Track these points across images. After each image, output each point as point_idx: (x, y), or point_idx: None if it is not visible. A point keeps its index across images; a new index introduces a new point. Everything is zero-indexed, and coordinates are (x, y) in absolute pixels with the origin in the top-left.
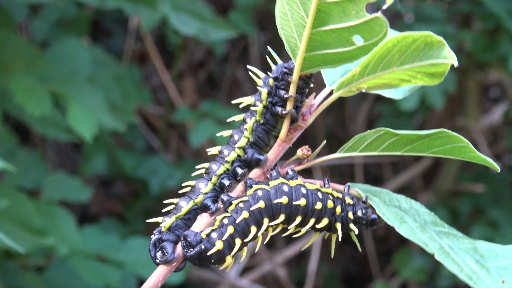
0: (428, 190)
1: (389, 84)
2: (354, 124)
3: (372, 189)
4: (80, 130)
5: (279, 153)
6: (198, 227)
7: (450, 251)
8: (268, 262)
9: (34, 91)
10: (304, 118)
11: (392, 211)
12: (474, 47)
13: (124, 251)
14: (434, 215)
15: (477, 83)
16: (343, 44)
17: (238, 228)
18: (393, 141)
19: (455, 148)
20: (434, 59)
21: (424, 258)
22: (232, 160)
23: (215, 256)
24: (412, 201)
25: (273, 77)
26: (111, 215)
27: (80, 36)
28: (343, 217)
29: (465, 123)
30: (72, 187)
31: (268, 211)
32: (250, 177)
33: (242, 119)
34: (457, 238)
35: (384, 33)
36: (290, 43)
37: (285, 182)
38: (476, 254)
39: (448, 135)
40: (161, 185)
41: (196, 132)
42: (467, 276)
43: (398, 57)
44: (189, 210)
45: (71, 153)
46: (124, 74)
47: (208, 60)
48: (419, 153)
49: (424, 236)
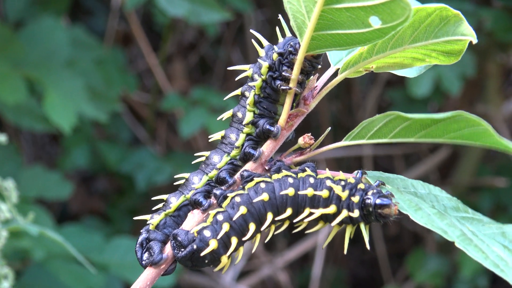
0: (444, 184)
1: (400, 64)
2: (363, 111)
3: (384, 175)
4: (58, 120)
5: (277, 143)
6: (189, 225)
7: (473, 237)
8: (268, 265)
9: (7, 76)
10: (306, 103)
11: (406, 197)
12: (495, 26)
13: (108, 253)
14: (456, 200)
15: (498, 66)
16: (357, 25)
17: (235, 225)
18: (405, 126)
19: (474, 133)
20: (451, 35)
21: (441, 260)
22: (242, 143)
23: (209, 257)
24: (430, 186)
25: (278, 52)
26: (93, 213)
27: (58, 15)
28: (350, 202)
29: (485, 110)
30: (49, 183)
31: (273, 204)
32: (246, 169)
33: (240, 93)
34: (482, 224)
35: (406, 17)
36: (297, 20)
37: (290, 175)
38: (505, 240)
39: (466, 118)
40: (148, 180)
41: (186, 121)
42: (493, 263)
43: (410, 34)
44: (179, 207)
45: (49, 146)
46: (106, 58)
47: (199, 42)
48: (434, 138)
49: (443, 223)
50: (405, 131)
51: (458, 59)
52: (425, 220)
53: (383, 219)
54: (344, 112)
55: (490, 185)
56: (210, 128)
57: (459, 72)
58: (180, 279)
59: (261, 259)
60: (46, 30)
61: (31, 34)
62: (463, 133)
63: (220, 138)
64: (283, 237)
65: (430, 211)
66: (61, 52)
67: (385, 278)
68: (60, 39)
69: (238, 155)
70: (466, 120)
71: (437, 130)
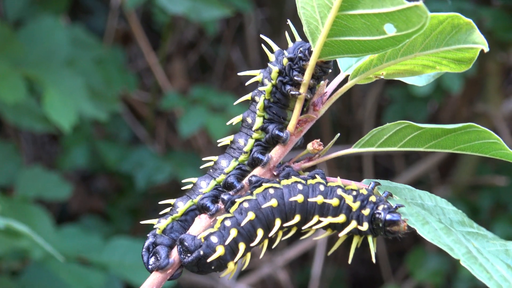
0: (444, 183)
1: (411, 71)
2: (363, 110)
3: (392, 185)
4: (58, 119)
5: (286, 148)
6: (196, 230)
7: (478, 255)
8: (268, 264)
9: (7, 76)
10: (315, 109)
11: (414, 210)
12: (495, 25)
13: (108, 253)
14: (461, 213)
15: (498, 65)
16: (371, 32)
17: (243, 231)
18: (415, 135)
19: (484, 145)
20: (462, 43)
21: (441, 259)
22: (250, 149)
23: (216, 263)
24: (437, 198)
25: (288, 57)
26: (93, 213)
27: (57, 15)
28: (360, 214)
29: (485, 109)
30: (49, 183)
31: (281, 211)
32: (254, 174)
33: (250, 98)
34: (486, 240)
35: (422, 24)
36: (310, 25)
37: (300, 181)
38: (508, 258)
39: (477, 130)
40: (147, 179)
41: (186, 120)
42: (497, 284)
43: (421, 41)
44: (186, 211)
45: (48, 145)
46: (106, 57)
47: (199, 41)
48: (444, 149)
49: (449, 239)
50: (415, 140)
51: (469, 67)
52: (431, 236)
53: (392, 235)
54: (344, 111)
55: (490, 184)
56: (210, 127)
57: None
58: (180, 278)
59: (261, 258)
60: (46, 30)
61: (31, 33)
62: (473, 145)
63: (229, 143)
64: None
65: (437, 225)
66: (61, 52)
67: (385, 277)
68: (59, 39)
69: (246, 160)
70: (477, 132)
71: (447, 141)
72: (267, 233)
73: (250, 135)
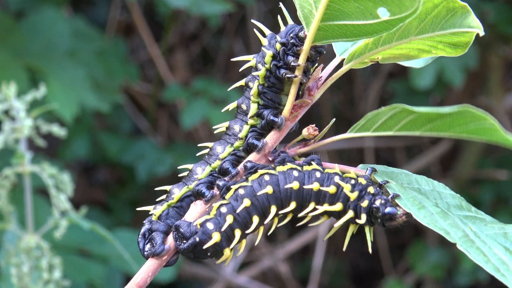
0: (446, 177)
1: (406, 55)
2: (365, 102)
3: (389, 170)
4: (60, 110)
5: (281, 134)
6: (192, 216)
7: (475, 238)
8: (269, 257)
9: (9, 66)
10: (310, 93)
11: (410, 195)
12: (498, 18)
13: (109, 245)
14: (459, 197)
15: (500, 58)
16: (365, 16)
17: (238, 218)
18: (410, 119)
19: (480, 128)
20: (457, 27)
21: (442, 252)
22: (245, 135)
23: (212, 249)
24: (434, 182)
25: (280, 42)
26: (94, 204)
27: (59, 6)
28: (358, 204)
29: (488, 103)
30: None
31: (277, 197)
32: (249, 160)
33: (244, 84)
34: (484, 223)
35: (415, 8)
36: (304, 9)
37: (295, 167)
38: (507, 241)
39: (473, 114)
40: (149, 171)
41: (188, 112)
42: (494, 267)
43: (416, 25)
44: (182, 197)
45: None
46: (108, 48)
47: (201, 33)
48: (439, 132)
49: (445, 223)
50: (411, 124)
51: (464, 51)
52: (428, 220)
53: (389, 226)
54: (346, 103)
55: (491, 178)
56: (211, 119)
57: (462, 64)
58: (181, 270)
59: (262, 250)
60: (48, 20)
61: (33, 24)
62: (468, 128)
63: (225, 129)
64: (284, 229)
65: (434, 210)
66: (63, 43)
67: (385, 270)
68: (61, 29)
69: (241, 146)
70: (472, 115)
71: (443, 124)
72: (262, 220)
73: (246, 121)
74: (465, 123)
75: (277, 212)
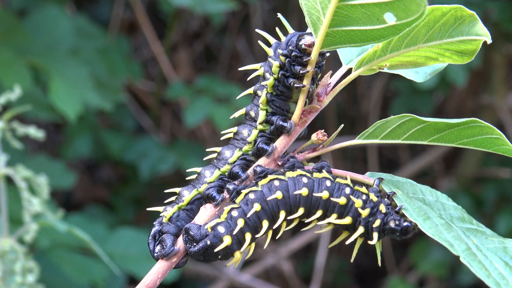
0: (449, 175)
1: (414, 62)
2: (368, 101)
3: (395, 179)
4: (63, 108)
5: (290, 139)
6: (201, 219)
7: (478, 252)
8: (272, 255)
9: (12, 64)
10: (319, 99)
11: (416, 205)
12: (501, 16)
13: (112, 243)
14: (461, 209)
15: (504, 57)
16: (372, 22)
17: (249, 222)
18: (418, 129)
19: (487, 140)
20: (465, 35)
21: (445, 251)
22: (254, 139)
23: (223, 252)
24: (438, 193)
25: (283, 54)
26: (97, 202)
27: (62, 4)
28: (370, 222)
29: (491, 101)
30: (53, 171)
31: (286, 203)
32: (259, 164)
33: (253, 92)
34: (485, 237)
35: (421, 13)
36: (312, 16)
37: (305, 174)
38: (506, 256)
39: (480, 125)
40: (152, 169)
41: (191, 110)
42: (495, 282)
43: (425, 33)
44: (192, 200)
45: (53, 134)
46: (111, 46)
47: (205, 31)
48: (447, 143)
49: (449, 235)
50: (419, 133)
51: (471, 59)
52: (432, 231)
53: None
54: (349, 102)
55: (494, 176)
56: (215, 118)
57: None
58: (184, 268)
59: (265, 248)
60: (50, 19)
61: (36, 22)
62: (476, 140)
63: (233, 134)
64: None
65: (438, 221)
66: (66, 41)
67: (388, 268)
68: (64, 28)
69: (250, 150)
70: (480, 127)
71: (451, 135)
72: (272, 224)
73: (254, 126)
74: (473, 135)
75: (286, 217)
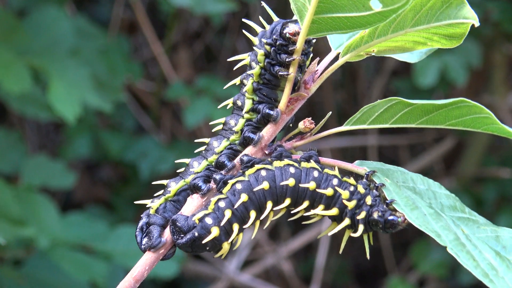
0: (449, 175)
1: (402, 47)
2: (368, 101)
3: (385, 167)
4: (62, 109)
5: (277, 127)
6: (189, 210)
7: (467, 242)
8: (272, 255)
9: (12, 64)
10: (306, 87)
11: (404, 194)
12: (501, 16)
13: (112, 242)
14: (454, 197)
15: (504, 57)
16: (358, 8)
17: (237, 212)
18: (406, 111)
19: (475, 119)
20: (452, 19)
21: (445, 251)
22: (241, 128)
23: (211, 244)
24: (430, 181)
25: (268, 43)
26: (97, 202)
27: (62, 4)
28: (355, 214)
29: (491, 101)
30: (54, 171)
31: (273, 193)
32: (246, 153)
33: (240, 81)
34: (477, 225)
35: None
36: (297, 3)
37: (292, 164)
38: (498, 245)
39: (468, 105)
40: (152, 169)
41: (191, 110)
42: (483, 272)
43: (411, 17)
44: (178, 191)
45: (53, 134)
46: (111, 46)
47: (205, 31)
48: (435, 125)
49: (437, 225)
50: (407, 116)
51: (460, 43)
52: (420, 221)
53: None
54: (349, 102)
55: (495, 176)
56: (214, 118)
57: (465, 62)
58: (184, 268)
59: (265, 248)
60: (50, 19)
61: (35, 22)
62: (465, 120)
63: (222, 125)
64: (287, 227)
65: (426, 211)
66: (66, 41)
67: (389, 268)
68: (64, 28)
69: (237, 140)
70: (468, 106)
71: (439, 117)
72: (259, 214)
73: (241, 115)
74: (461, 115)
75: (273, 207)
